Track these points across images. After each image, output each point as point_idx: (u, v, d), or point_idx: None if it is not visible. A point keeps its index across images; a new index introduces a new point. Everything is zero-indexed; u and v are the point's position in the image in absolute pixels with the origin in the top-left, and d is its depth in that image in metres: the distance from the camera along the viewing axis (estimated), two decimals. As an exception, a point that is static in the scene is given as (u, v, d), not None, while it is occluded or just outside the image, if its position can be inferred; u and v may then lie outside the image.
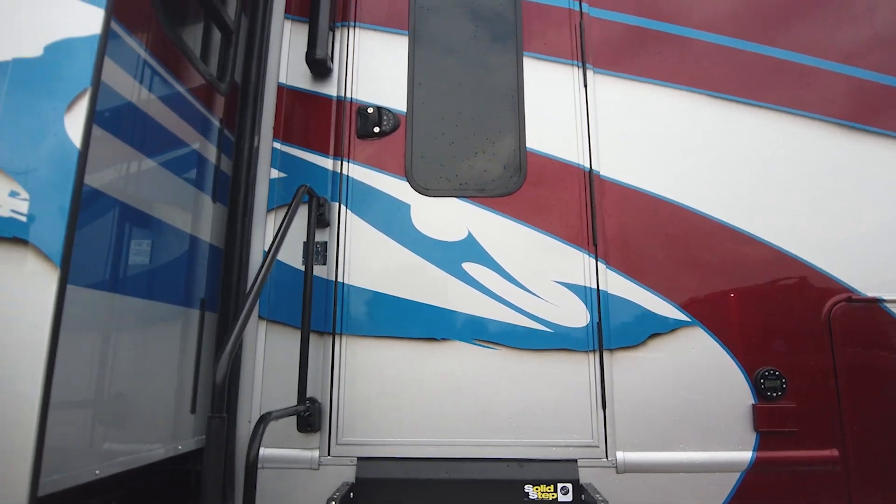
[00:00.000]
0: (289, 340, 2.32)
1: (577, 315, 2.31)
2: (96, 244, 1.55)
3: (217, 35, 2.54)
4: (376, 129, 2.52)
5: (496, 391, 2.26)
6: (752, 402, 2.22)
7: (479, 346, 2.30)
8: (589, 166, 2.46)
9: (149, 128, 1.85)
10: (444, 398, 2.27)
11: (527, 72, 2.57)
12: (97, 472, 1.52)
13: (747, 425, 2.18)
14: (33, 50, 1.39)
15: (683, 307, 2.30)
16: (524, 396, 2.25)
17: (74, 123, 1.33)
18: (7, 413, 1.16)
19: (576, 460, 2.19)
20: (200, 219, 2.29)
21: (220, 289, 2.37)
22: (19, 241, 1.27)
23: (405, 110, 2.55)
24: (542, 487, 2.13)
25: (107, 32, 1.39)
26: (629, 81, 2.55)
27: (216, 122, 2.40)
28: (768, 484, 2.15)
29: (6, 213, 1.28)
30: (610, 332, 2.30)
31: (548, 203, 2.43)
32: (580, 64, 2.56)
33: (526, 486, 2.14)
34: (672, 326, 2.28)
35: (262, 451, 2.25)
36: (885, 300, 2.30)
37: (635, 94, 2.53)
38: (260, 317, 2.37)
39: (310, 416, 2.22)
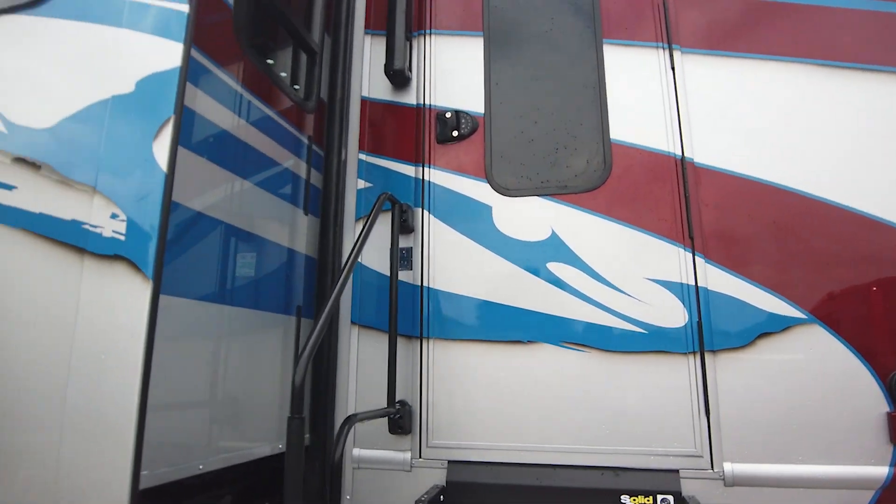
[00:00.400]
0: (379, 345, 2.39)
1: (673, 314, 2.16)
2: (191, 258, 1.70)
3: (303, 56, 2.67)
4: (455, 133, 2.53)
5: (588, 395, 2.17)
6: (888, 409, 1.94)
7: (567, 348, 2.23)
8: (681, 154, 2.29)
9: (239, 149, 2.00)
10: (533, 402, 2.21)
11: (608, 60, 2.44)
12: (200, 467, 1.66)
13: (881, 437, 1.91)
14: (127, 86, 1.55)
15: (798, 303, 2.06)
16: (618, 401, 2.14)
17: (161, 149, 1.47)
18: (109, 414, 1.31)
19: (677, 471, 2.04)
20: (294, 231, 2.43)
21: (315, 296, 2.50)
22: (119, 257, 1.42)
23: (483, 112, 2.53)
24: (641, 499, 2.01)
25: (186, 65, 1.53)
26: (724, 58, 2.34)
27: (305, 139, 2.54)
28: (912, 505, 1.87)
29: (108, 234, 1.44)
30: (712, 332, 2.12)
31: (636, 196, 2.29)
32: (665, 45, 2.40)
33: (623, 497, 2.03)
34: (785, 325, 2.06)
35: (359, 451, 2.35)
36: None
37: (731, 72, 2.32)
38: (352, 322, 2.47)
39: (400, 419, 2.28)
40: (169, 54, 1.54)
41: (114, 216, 1.48)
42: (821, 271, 2.09)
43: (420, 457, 2.27)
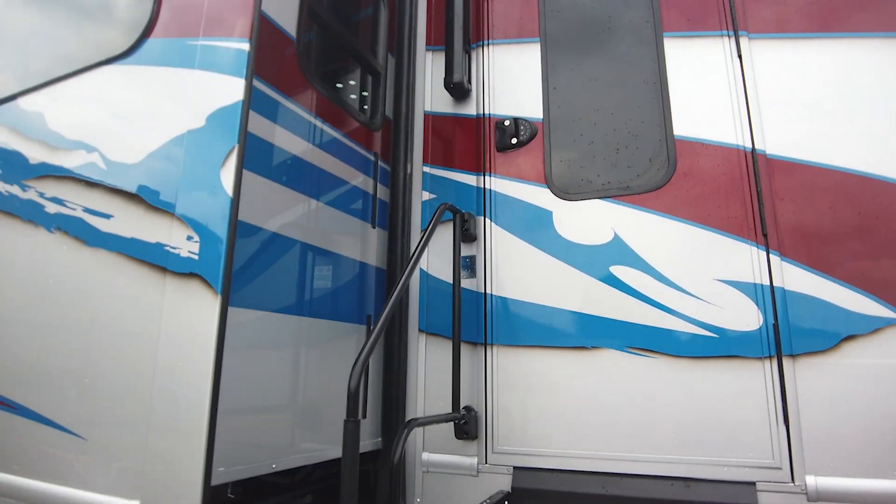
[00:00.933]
0: (446, 352, 2.45)
1: (747, 317, 2.04)
2: (262, 273, 1.87)
3: (368, 78, 2.82)
4: (514, 141, 2.55)
5: (655, 402, 2.10)
6: None
7: (633, 353, 2.17)
8: (751, 146, 2.16)
9: (307, 170, 2.16)
10: (599, 408, 2.18)
11: (668, 54, 2.36)
12: (273, 465, 1.82)
13: None
14: (199, 121, 1.75)
15: (890, 302, 1.87)
16: (687, 408, 2.05)
17: (227, 176, 1.65)
18: (185, 415, 1.49)
19: (753, 483, 1.92)
20: (363, 244, 2.57)
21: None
22: (194, 275, 1.61)
23: (542, 117, 2.54)
24: (713, 511, 1.91)
25: (248, 97, 1.69)
26: (795, 41, 2.18)
27: (371, 157, 2.68)
28: None
29: (185, 254, 1.63)
30: (790, 335, 1.98)
31: (703, 193, 2.19)
32: (731, 33, 2.28)
33: (694, 508, 1.94)
34: (874, 326, 1.88)
35: (428, 456, 2.43)
36: None
37: (805, 54, 2.16)
38: (419, 330, 2.57)
39: (465, 424, 2.33)
40: (233, 89, 1.73)
41: (189, 238, 1.68)
42: (920, 267, 1.88)
43: (486, 462, 2.31)
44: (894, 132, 1.98)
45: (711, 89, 2.26)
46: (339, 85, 2.73)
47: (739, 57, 2.25)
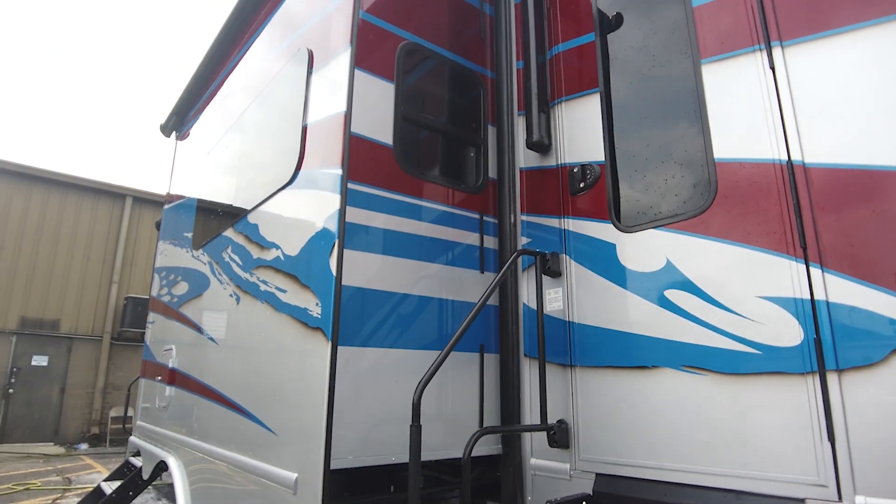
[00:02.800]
0: (549, 373, 2.88)
1: (788, 332, 2.03)
2: (370, 320, 2.67)
3: (471, 151, 3.47)
4: (582, 185, 2.89)
5: (707, 417, 2.22)
6: None
7: (687, 372, 2.31)
8: (786, 157, 2.14)
9: (406, 239, 2.92)
10: (662, 422, 2.37)
11: (706, 79, 2.45)
12: (393, 458, 2.56)
13: None
14: (319, 225, 2.71)
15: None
16: (735, 423, 2.12)
17: (333, 262, 2.52)
18: (312, 425, 2.35)
19: (803, 500, 1.91)
20: (472, 287, 3.19)
21: (500, 336, 3.19)
22: (318, 328, 2.51)
23: (603, 160, 2.83)
24: (761, 524, 1.97)
25: (344, 206, 2.55)
26: (828, 38, 2.09)
27: (475, 215, 3.30)
28: None
29: (314, 315, 2.57)
30: (834, 348, 1.92)
31: (743, 212, 2.24)
32: (762, 46, 2.27)
33: (742, 521, 2.02)
34: (924, 338, 1.72)
35: (535, 461, 2.89)
36: None
37: (840, 51, 2.06)
38: (525, 355, 3.05)
39: (555, 434, 2.73)
40: (334, 202, 2.62)
41: (316, 304, 2.59)
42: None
43: (575, 468, 2.67)
44: None
45: (747, 107, 2.29)
46: (442, 164, 3.44)
47: (772, 69, 2.24)
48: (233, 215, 4.02)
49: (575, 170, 2.95)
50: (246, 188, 3.96)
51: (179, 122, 6.45)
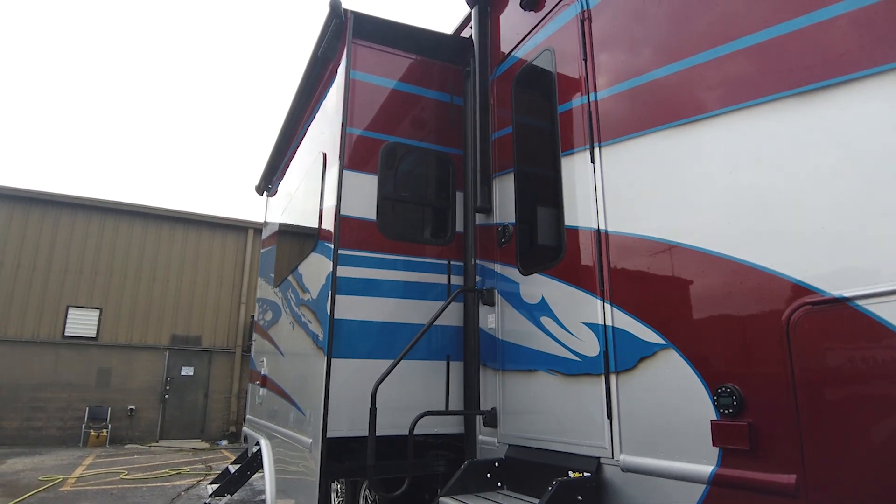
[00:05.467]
0: (487, 374, 4.03)
1: (592, 346, 3.06)
2: (356, 340, 3.99)
3: (440, 214, 4.69)
4: (503, 240, 4.02)
5: (559, 405, 3.27)
6: (713, 418, 2.38)
7: (549, 373, 3.38)
8: (597, 226, 3.15)
9: (385, 284, 4.21)
10: (539, 409, 3.44)
11: (563, 169, 3.49)
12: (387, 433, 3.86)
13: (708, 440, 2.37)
14: (323, 280, 4.07)
15: (665, 333, 2.66)
16: (571, 407, 3.17)
17: (328, 304, 3.88)
18: (316, 408, 3.71)
19: (598, 458, 2.93)
20: (441, 315, 4.40)
21: (464, 349, 4.37)
22: (320, 347, 3.89)
23: (514, 221, 3.93)
24: (577, 474, 3.00)
25: (335, 270, 3.91)
26: (628, 141, 3.09)
27: (443, 261, 4.52)
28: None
29: (320, 339, 3.92)
30: (614, 357, 2.92)
31: (578, 264, 3.27)
32: (587, 147, 3.29)
33: (569, 472, 3.06)
34: (655, 350, 2.69)
35: (481, 437, 4.03)
36: (850, 298, 1.99)
37: (635, 149, 3.05)
38: (480, 362, 4.21)
39: (485, 418, 3.87)
40: (329, 266, 3.99)
41: (321, 331, 3.98)
42: (674, 304, 2.64)
43: (500, 441, 3.79)
44: (680, 205, 2.77)
45: (581, 189, 3.32)
46: (418, 225, 4.69)
47: (592, 161, 3.25)
48: (292, 265, 5.57)
49: (500, 228, 4.08)
50: (299, 245, 5.50)
51: (266, 184, 8.29)
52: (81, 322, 17.75)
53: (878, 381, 1.88)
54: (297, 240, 5.63)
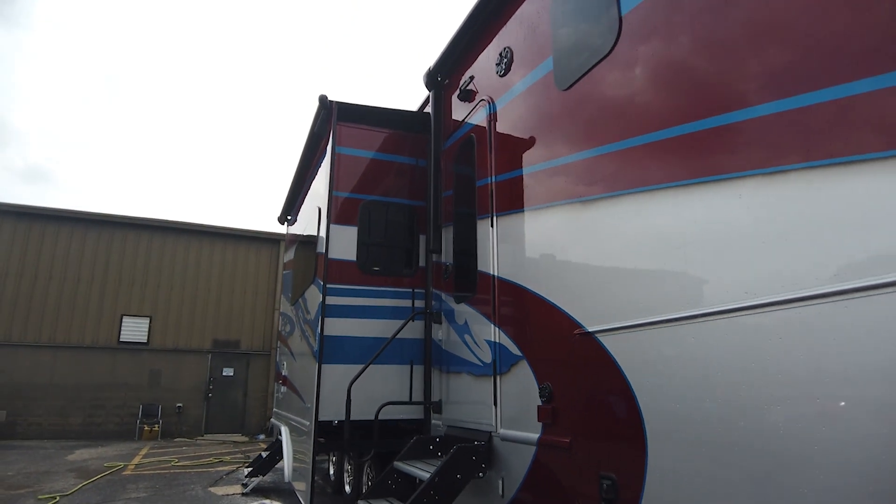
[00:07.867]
0: (436, 374, 5.46)
1: (488, 356, 4.46)
2: (341, 350, 5.47)
3: (408, 251, 6.13)
4: (445, 275, 5.44)
5: (473, 397, 4.68)
6: (539, 403, 3.76)
7: (468, 374, 4.79)
8: (493, 272, 4.55)
9: (363, 309, 5.68)
10: (463, 400, 4.86)
11: (478, 229, 4.88)
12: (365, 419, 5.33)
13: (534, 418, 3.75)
14: (317, 306, 5.58)
15: (523, 347, 4.05)
16: (479, 399, 4.57)
17: (319, 325, 5.38)
18: (312, 402, 5.19)
19: (489, 433, 4.33)
20: (407, 330, 5.84)
21: (424, 356, 5.80)
22: (315, 357, 5.39)
23: (452, 262, 5.35)
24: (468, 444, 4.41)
25: (325, 301, 5.40)
26: (513, 214, 4.48)
27: (409, 289, 5.96)
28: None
29: (314, 350, 5.42)
30: (499, 364, 4.32)
31: (479, 298, 4.67)
32: (489, 215, 4.68)
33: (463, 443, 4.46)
34: (519, 358, 4.07)
35: (434, 421, 5.47)
36: (593, 332, 3.35)
37: (516, 219, 4.44)
38: (433, 366, 5.64)
39: (432, 407, 5.31)
40: (319, 298, 5.48)
41: (316, 343, 5.47)
42: (527, 330, 4.02)
43: (443, 424, 5.22)
44: (526, 262, 4.16)
45: (485, 244, 4.71)
46: (389, 262, 6.14)
47: (492, 226, 4.64)
48: (301, 289, 7.11)
49: (445, 266, 5.51)
50: (303, 276, 7.05)
51: (286, 216, 9.92)
52: (134, 329, 19.92)
53: (602, 383, 3.24)
54: (303, 271, 7.19)
